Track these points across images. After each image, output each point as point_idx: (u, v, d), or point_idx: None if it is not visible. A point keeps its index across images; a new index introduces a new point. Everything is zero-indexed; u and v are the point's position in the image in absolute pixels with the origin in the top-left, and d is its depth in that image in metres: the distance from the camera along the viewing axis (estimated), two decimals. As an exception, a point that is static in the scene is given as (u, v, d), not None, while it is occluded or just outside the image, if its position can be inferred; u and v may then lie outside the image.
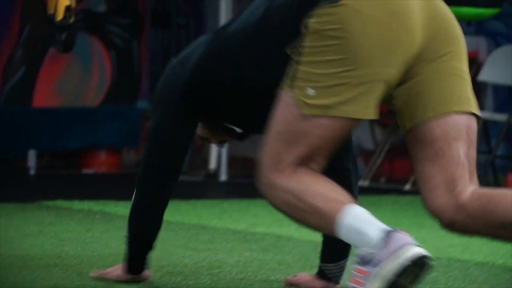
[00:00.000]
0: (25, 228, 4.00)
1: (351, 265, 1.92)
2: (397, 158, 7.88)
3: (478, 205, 1.87)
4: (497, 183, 7.46)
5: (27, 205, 5.13)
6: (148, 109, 9.54)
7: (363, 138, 8.03)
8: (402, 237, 1.72)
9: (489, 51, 7.80)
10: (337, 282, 2.49)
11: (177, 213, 4.83)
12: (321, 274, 2.50)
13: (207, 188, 7.55)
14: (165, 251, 3.23)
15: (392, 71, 1.84)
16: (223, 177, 7.94)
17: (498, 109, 7.57)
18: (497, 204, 1.85)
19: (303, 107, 1.83)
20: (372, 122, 7.54)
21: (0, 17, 8.19)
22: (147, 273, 2.50)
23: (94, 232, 3.98)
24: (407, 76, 1.90)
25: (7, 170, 7.96)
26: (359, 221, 1.77)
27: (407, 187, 7.15)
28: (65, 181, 7.64)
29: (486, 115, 6.90)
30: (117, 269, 2.50)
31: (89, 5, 8.70)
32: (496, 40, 8.02)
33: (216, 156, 8.04)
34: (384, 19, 1.82)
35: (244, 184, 8.00)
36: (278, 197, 1.89)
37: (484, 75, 7.57)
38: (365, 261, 1.74)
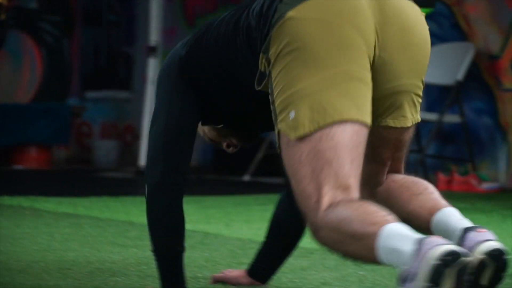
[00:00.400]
0: (-47, 224, 3.92)
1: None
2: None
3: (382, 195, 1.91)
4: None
5: (-44, 200, 5.02)
6: (78, 106, 9.48)
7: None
8: (433, 240, 1.46)
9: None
10: (265, 282, 2.36)
11: (106, 209, 4.77)
12: (251, 272, 2.35)
13: (136, 185, 7.49)
14: (94, 248, 3.20)
15: (357, 66, 1.66)
16: (152, 174, 7.83)
17: (429, 108, 7.51)
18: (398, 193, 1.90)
19: (291, 133, 1.64)
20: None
21: None
22: None
23: (24, 228, 3.91)
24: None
25: None
26: (395, 239, 1.51)
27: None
28: (-5, 177, 7.50)
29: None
30: None
31: (20, 2, 8.58)
32: (428, 39, 8.17)
33: (146, 153, 7.80)
34: (333, 20, 1.66)
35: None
36: (322, 238, 1.65)
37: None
38: (402, 280, 1.49)
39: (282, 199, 2.28)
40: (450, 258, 1.41)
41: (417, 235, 1.48)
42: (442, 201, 1.84)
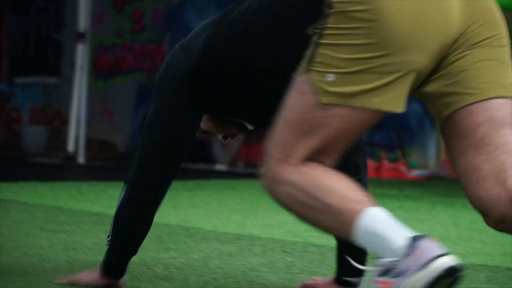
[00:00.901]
0: None
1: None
2: (254, 143, 7.58)
3: None
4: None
5: None
6: (7, 91, 9.31)
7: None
8: (431, 246, 1.45)
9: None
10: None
11: (34, 194, 4.71)
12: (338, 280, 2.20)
13: (65, 170, 7.35)
14: (22, 233, 3.15)
15: (425, 60, 1.56)
16: (81, 159, 7.77)
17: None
18: None
19: (321, 94, 1.54)
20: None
21: None
22: (125, 278, 2.11)
23: None
24: (443, 64, 1.62)
25: None
26: (381, 224, 1.50)
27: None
28: None
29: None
30: (92, 274, 2.14)
31: None
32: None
33: (74, 138, 7.77)
34: (419, 2, 1.55)
35: (101, 167, 7.91)
36: (284, 193, 1.61)
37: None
38: (387, 271, 1.47)
39: None
40: (453, 274, 1.42)
41: (407, 230, 1.47)
42: None
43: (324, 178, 1.56)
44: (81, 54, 7.75)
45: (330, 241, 2.67)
